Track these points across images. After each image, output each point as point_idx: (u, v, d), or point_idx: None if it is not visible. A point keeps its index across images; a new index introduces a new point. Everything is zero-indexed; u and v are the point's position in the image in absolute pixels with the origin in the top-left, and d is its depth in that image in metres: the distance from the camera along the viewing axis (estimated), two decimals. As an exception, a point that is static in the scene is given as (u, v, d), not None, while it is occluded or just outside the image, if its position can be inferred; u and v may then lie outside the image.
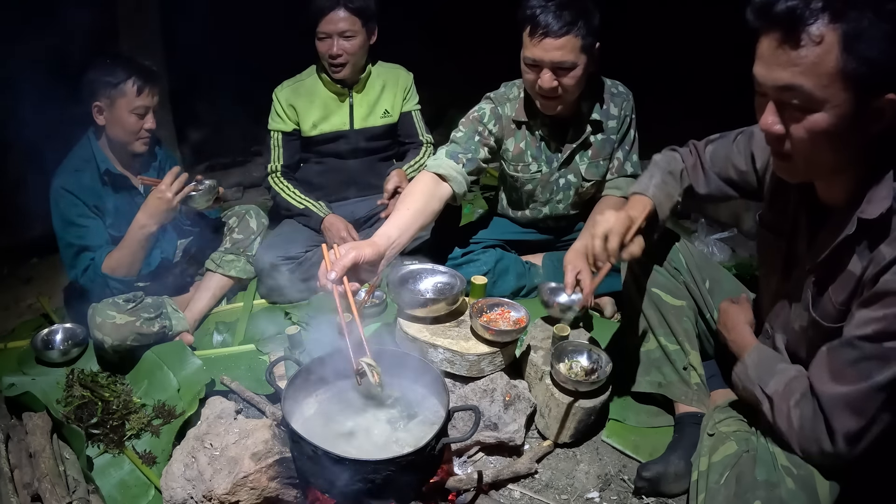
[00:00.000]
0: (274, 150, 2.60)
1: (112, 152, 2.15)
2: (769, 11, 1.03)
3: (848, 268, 1.15)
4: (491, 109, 2.18)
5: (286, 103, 2.54)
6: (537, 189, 2.29)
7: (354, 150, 2.66)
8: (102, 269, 2.05)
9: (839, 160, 1.11)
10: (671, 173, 1.63)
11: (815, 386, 1.17)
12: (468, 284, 2.03)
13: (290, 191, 2.56)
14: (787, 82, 1.04)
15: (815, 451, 1.18)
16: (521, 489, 1.64)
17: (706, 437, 1.40)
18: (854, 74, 0.99)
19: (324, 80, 2.55)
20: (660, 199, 1.58)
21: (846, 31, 0.98)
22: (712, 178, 1.62)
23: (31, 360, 2.06)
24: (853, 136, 1.06)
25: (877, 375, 1.08)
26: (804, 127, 1.06)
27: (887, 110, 1.03)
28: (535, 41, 1.88)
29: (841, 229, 1.15)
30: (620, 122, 2.19)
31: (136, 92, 2.02)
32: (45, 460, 1.53)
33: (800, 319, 1.30)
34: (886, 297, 1.06)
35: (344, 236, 2.41)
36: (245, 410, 1.84)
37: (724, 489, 1.24)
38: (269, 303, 2.42)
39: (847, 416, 1.12)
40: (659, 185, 1.60)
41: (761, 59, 1.09)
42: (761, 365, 1.34)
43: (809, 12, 1.00)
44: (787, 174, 1.19)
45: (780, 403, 1.24)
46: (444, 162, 2.02)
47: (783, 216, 1.36)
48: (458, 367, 1.71)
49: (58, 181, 2.05)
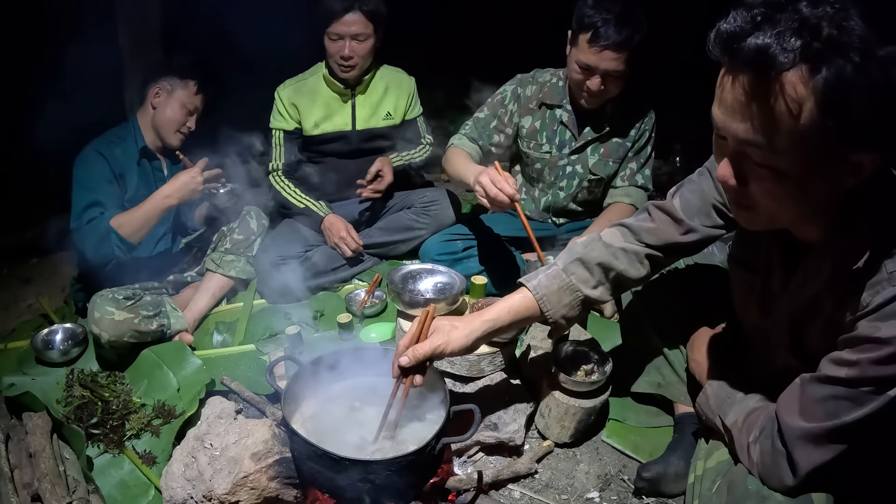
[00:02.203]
0: (275, 148, 2.61)
1: (149, 136, 2.26)
2: (736, 48, 0.87)
3: (826, 312, 1.11)
4: (512, 90, 2.31)
5: (288, 102, 2.54)
6: (545, 169, 2.35)
7: (355, 151, 2.66)
8: (110, 222, 2.08)
9: (805, 213, 1.03)
10: (581, 261, 1.40)
11: (782, 417, 1.14)
12: (468, 284, 2.04)
13: (290, 189, 2.57)
14: (750, 137, 0.91)
15: (776, 484, 1.15)
16: (521, 489, 1.64)
17: (702, 441, 1.40)
18: (832, 132, 0.86)
19: (327, 79, 2.55)
20: (549, 290, 1.38)
21: (827, 81, 0.84)
22: (695, 227, 1.38)
23: (31, 360, 2.06)
24: (824, 192, 0.96)
25: (845, 416, 1.04)
26: (767, 184, 0.95)
27: (867, 165, 0.92)
28: (594, 50, 1.96)
29: (817, 271, 1.10)
30: (639, 134, 2.27)
31: (196, 90, 2.24)
32: (45, 460, 1.53)
33: (781, 359, 1.26)
34: (864, 343, 1.01)
35: (343, 236, 2.43)
36: (245, 410, 1.84)
37: (716, 497, 1.24)
38: (269, 303, 2.42)
39: (810, 450, 1.09)
40: (554, 275, 1.40)
41: (722, 103, 0.94)
42: (720, 394, 1.33)
43: (784, 55, 0.84)
44: (746, 223, 1.09)
45: (740, 437, 1.23)
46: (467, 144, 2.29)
47: (755, 253, 1.26)
48: (458, 367, 1.71)
49: (92, 146, 2.16)
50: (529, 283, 1.40)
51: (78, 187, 2.11)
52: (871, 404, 1.02)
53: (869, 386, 1.01)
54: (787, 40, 0.84)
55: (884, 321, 0.98)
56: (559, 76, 2.27)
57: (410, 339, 1.33)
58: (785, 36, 0.85)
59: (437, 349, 1.30)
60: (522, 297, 1.40)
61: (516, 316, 1.39)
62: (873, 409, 1.02)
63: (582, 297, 1.40)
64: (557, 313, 1.40)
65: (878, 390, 1.01)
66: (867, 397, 1.02)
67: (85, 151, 2.16)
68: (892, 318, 0.97)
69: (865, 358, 1.00)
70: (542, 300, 1.38)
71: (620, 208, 2.27)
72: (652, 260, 1.42)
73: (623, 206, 2.28)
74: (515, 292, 1.42)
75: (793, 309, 1.19)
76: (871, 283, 1.01)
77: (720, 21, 0.90)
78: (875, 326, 0.99)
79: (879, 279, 1.00)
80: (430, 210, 2.59)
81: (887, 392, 1.00)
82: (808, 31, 0.85)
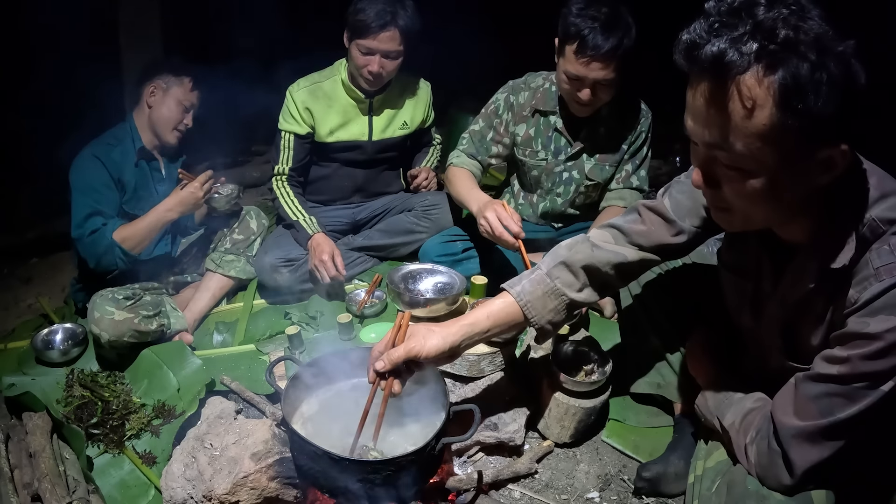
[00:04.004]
0: (283, 151, 2.49)
1: (146, 136, 2.26)
2: (695, 55, 0.90)
3: (817, 311, 1.11)
4: (504, 99, 2.27)
5: (302, 105, 2.43)
6: (542, 176, 2.32)
7: (369, 161, 2.60)
8: (113, 236, 2.09)
9: (784, 213, 1.04)
10: (566, 264, 1.39)
11: (777, 416, 1.14)
12: (468, 284, 2.04)
13: (289, 199, 2.47)
14: (715, 140, 0.94)
15: (774, 484, 1.15)
16: (521, 489, 1.64)
17: (702, 442, 1.40)
18: (795, 129, 0.88)
19: (346, 86, 2.44)
20: (533, 296, 1.38)
21: (783, 81, 0.85)
22: (686, 228, 1.38)
23: (31, 360, 2.06)
24: (798, 191, 0.98)
25: (839, 413, 1.04)
26: (737, 186, 0.97)
27: (839, 161, 0.93)
28: (582, 61, 1.90)
29: (805, 271, 1.10)
30: (635, 136, 2.23)
31: (191, 87, 2.25)
32: (45, 460, 1.53)
33: (775, 361, 1.26)
34: (854, 339, 1.01)
35: (325, 259, 2.27)
36: (245, 410, 1.84)
37: (716, 497, 1.24)
38: (268, 303, 2.42)
39: (806, 449, 1.09)
40: (538, 280, 1.39)
41: (689, 110, 0.97)
42: (718, 395, 1.33)
43: (741, 59, 0.86)
44: (725, 225, 1.12)
45: (737, 438, 1.23)
46: (467, 161, 2.27)
47: (745, 257, 1.27)
48: (458, 367, 1.71)
49: (89, 150, 2.15)
50: (513, 290, 1.39)
51: (77, 194, 2.10)
52: (864, 400, 1.02)
53: (861, 382, 1.02)
54: (743, 44, 0.87)
55: (872, 316, 0.99)
56: (552, 80, 2.21)
57: (385, 343, 1.31)
58: (740, 41, 0.87)
59: (412, 352, 1.27)
60: (504, 303, 1.39)
61: (496, 322, 1.37)
62: (867, 404, 1.02)
63: (567, 300, 1.39)
64: (543, 319, 1.39)
65: (870, 386, 1.01)
66: (860, 393, 1.02)
67: (82, 156, 2.14)
68: (881, 313, 0.98)
69: (856, 354, 1.01)
70: (527, 306, 1.37)
71: (615, 212, 2.23)
72: (642, 262, 1.42)
73: (617, 209, 2.25)
74: (497, 297, 1.41)
75: (784, 311, 1.19)
76: (857, 280, 1.02)
77: (682, 31, 0.92)
78: (864, 322, 1.00)
79: (866, 275, 1.01)
80: (430, 213, 2.57)
81: (880, 387, 1.01)
82: (764, 34, 0.87)
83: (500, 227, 1.85)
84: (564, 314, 1.41)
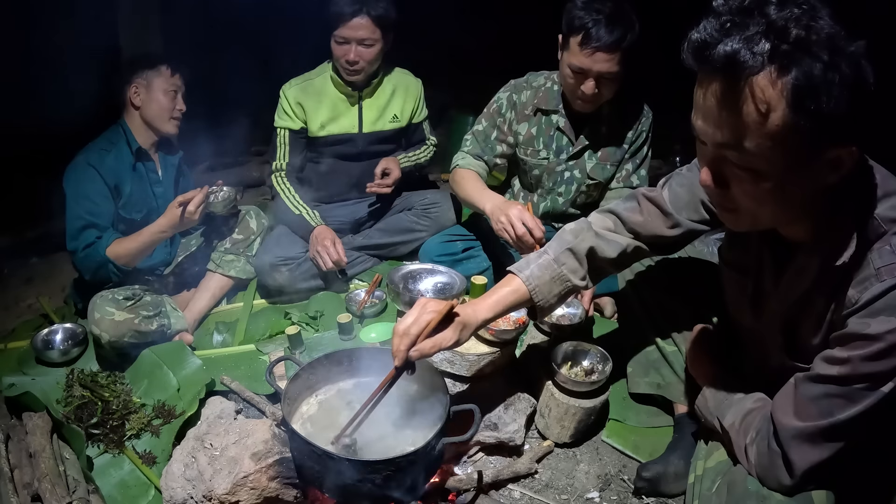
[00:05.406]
0: (280, 147, 2.55)
1: (142, 136, 2.23)
2: (707, 55, 0.89)
3: (818, 309, 1.11)
4: (507, 97, 2.27)
5: (294, 101, 2.50)
6: (543, 175, 2.32)
7: (360, 154, 2.63)
8: (106, 252, 2.06)
9: (789, 212, 1.03)
10: (572, 251, 1.42)
11: (777, 417, 1.14)
12: (468, 284, 2.04)
13: (290, 193, 2.51)
14: (727, 141, 0.93)
15: (774, 485, 1.16)
16: (521, 489, 1.64)
17: (702, 442, 1.40)
18: (806, 130, 0.87)
19: (335, 81, 2.52)
20: (541, 281, 1.40)
21: (796, 81, 0.85)
22: (681, 221, 1.40)
23: (31, 360, 2.06)
24: (805, 191, 0.97)
25: (839, 414, 1.04)
26: (747, 186, 0.97)
27: (846, 161, 0.93)
28: (586, 52, 1.91)
29: (806, 269, 1.11)
30: (636, 135, 2.23)
31: (171, 73, 2.20)
32: (45, 460, 1.53)
33: (776, 359, 1.27)
34: (854, 340, 1.01)
35: (327, 245, 2.31)
36: (245, 410, 1.84)
37: (716, 497, 1.24)
38: (268, 303, 2.42)
39: (806, 450, 1.09)
40: (546, 265, 1.41)
41: (699, 110, 0.96)
42: (718, 395, 1.34)
43: (753, 59, 0.86)
44: (731, 225, 1.11)
45: (737, 439, 1.24)
46: (473, 162, 2.27)
47: (746, 255, 1.27)
48: (458, 367, 1.71)
49: (83, 157, 2.11)
50: (522, 274, 1.41)
51: (72, 203, 2.07)
52: (864, 401, 1.02)
53: (861, 383, 1.02)
54: (756, 44, 0.86)
55: (873, 317, 0.99)
56: (553, 80, 2.22)
57: (422, 328, 1.25)
58: (753, 40, 0.86)
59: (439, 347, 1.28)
60: (512, 289, 1.41)
61: (506, 307, 1.41)
62: (867, 405, 1.02)
63: (571, 286, 1.43)
64: (547, 302, 1.42)
65: (870, 387, 1.01)
66: (860, 394, 1.02)
67: (76, 163, 2.10)
68: (881, 314, 0.98)
69: (856, 355, 1.01)
70: (535, 290, 1.40)
71: None
72: (636, 252, 1.46)
73: None
74: (505, 282, 1.43)
75: (785, 308, 1.19)
76: (858, 280, 1.02)
77: (691, 30, 0.92)
78: (864, 323, 1.00)
79: (867, 275, 1.01)
80: (430, 212, 2.58)
81: (880, 388, 1.01)
82: (776, 33, 0.86)
83: (523, 228, 1.85)
84: (564, 299, 1.46)
